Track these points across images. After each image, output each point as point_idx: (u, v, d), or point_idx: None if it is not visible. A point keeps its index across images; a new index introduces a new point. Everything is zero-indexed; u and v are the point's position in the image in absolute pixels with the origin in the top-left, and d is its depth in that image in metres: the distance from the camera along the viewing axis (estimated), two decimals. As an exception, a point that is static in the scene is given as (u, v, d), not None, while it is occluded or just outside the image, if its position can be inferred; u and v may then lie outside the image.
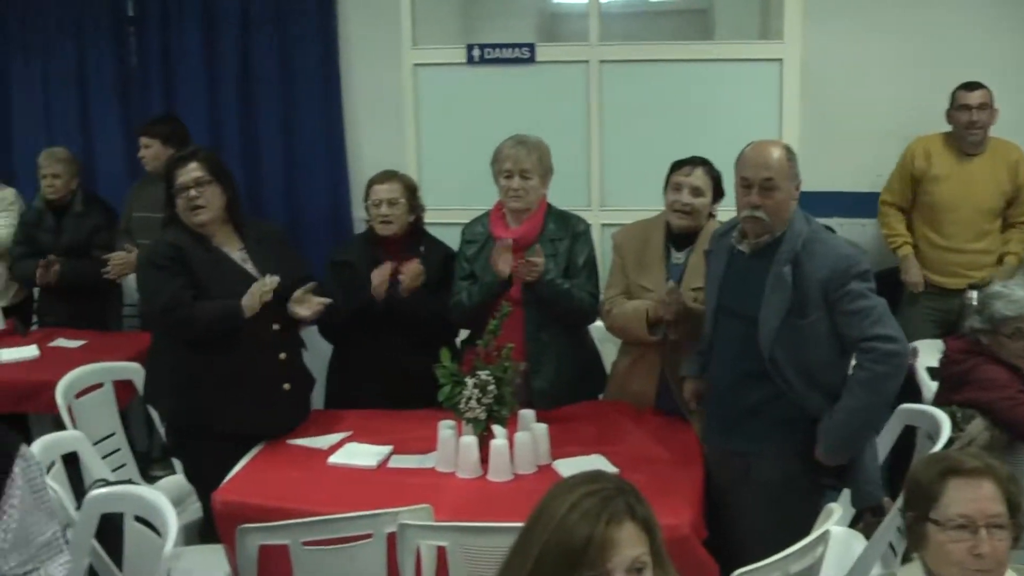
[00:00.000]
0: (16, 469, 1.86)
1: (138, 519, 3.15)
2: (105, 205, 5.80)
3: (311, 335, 4.34)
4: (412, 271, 4.28)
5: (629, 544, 1.75)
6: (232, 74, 6.16)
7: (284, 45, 6.08)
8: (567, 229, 4.22)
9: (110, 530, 3.19)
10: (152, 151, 5.49)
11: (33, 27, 6.47)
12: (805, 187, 3.49)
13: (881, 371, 3.24)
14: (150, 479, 4.64)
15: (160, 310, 3.83)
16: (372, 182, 4.47)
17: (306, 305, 3.87)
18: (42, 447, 3.45)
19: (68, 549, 1.94)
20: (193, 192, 3.83)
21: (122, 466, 4.33)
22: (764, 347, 3.33)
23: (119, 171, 6.31)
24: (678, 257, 4.07)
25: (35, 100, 6.54)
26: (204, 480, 3.86)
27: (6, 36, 6.55)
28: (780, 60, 5.28)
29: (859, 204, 5.63)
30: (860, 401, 3.29)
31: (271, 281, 3.75)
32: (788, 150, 3.42)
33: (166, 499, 3.05)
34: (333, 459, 3.71)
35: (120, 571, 3.17)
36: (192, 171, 3.85)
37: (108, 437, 4.37)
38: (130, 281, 5.71)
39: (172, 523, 2.92)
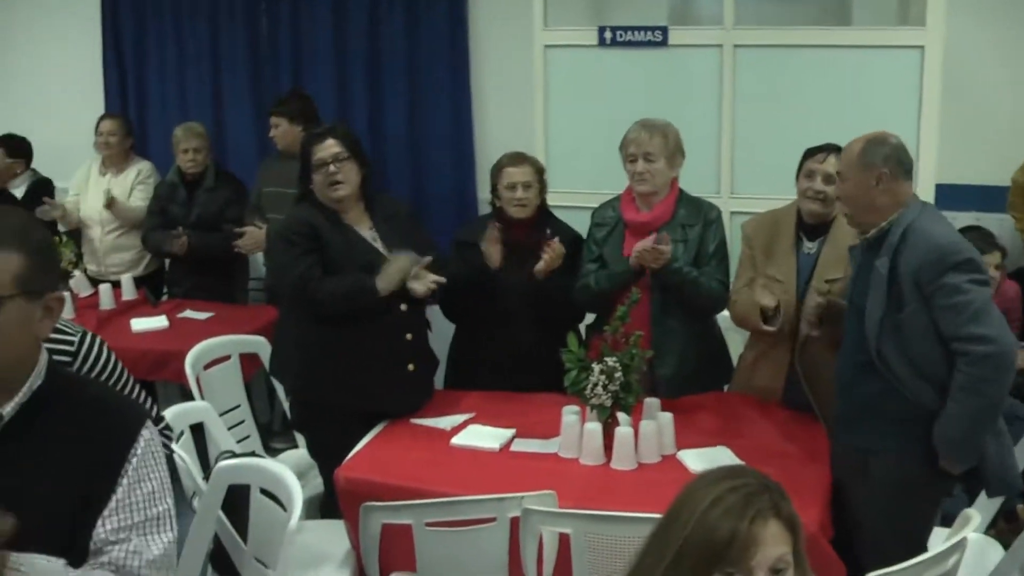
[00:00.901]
0: (139, 441, 1.86)
1: (263, 492, 3.17)
2: (236, 180, 5.91)
3: (436, 316, 4.33)
4: (556, 251, 4.22)
5: (773, 543, 1.68)
6: (361, 53, 6.21)
7: (414, 24, 6.10)
8: (699, 215, 4.13)
9: (235, 501, 3.23)
10: (281, 130, 5.55)
11: (169, 6, 6.62)
12: (943, 179, 3.35)
13: (977, 374, 3.05)
14: (271, 452, 4.70)
15: (290, 285, 3.86)
16: (503, 164, 4.41)
17: (421, 281, 3.85)
18: (172, 417, 3.50)
19: (175, 528, 1.92)
20: (332, 168, 3.84)
21: (246, 438, 4.39)
22: (870, 340, 3.21)
23: (249, 147, 6.44)
24: (809, 247, 3.94)
25: (169, 77, 6.71)
26: (327, 455, 3.90)
27: (143, 14, 6.73)
28: (921, 47, 5.07)
29: (1001, 198, 5.41)
30: (964, 407, 3.09)
31: (410, 260, 3.75)
32: (871, 142, 3.28)
33: (292, 473, 3.07)
34: (456, 440, 3.69)
35: (244, 543, 3.21)
36: (330, 147, 3.86)
37: (233, 409, 4.43)
38: (257, 256, 5.82)
39: (297, 497, 2.93)
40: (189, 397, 4.40)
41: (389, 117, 6.22)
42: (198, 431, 3.81)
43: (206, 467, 3.62)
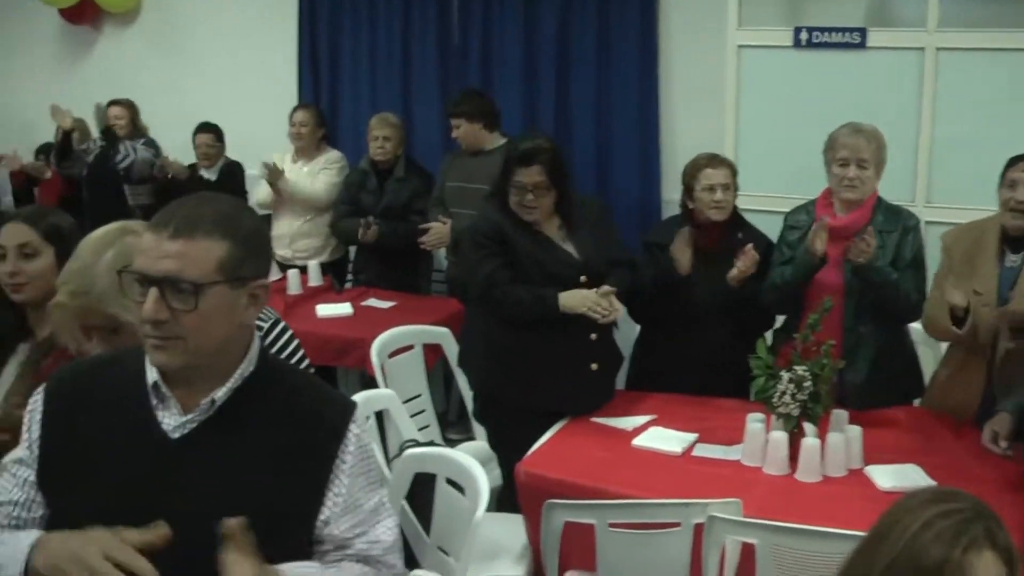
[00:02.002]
0: (350, 434, 1.88)
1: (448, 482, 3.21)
2: (425, 172, 5.99)
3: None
4: (752, 259, 4.13)
5: (987, 574, 1.60)
6: (550, 52, 6.23)
7: (603, 23, 6.08)
8: (897, 222, 3.99)
9: (417, 490, 3.27)
10: (462, 130, 5.57)
11: (364, 3, 6.79)
12: None
13: None
14: (447, 442, 4.75)
15: (477, 286, 3.90)
16: (702, 165, 4.32)
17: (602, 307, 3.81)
18: (358, 403, 3.55)
19: (393, 513, 1.95)
20: (529, 197, 3.82)
21: (426, 427, 4.45)
22: None
23: (435, 143, 6.53)
24: (1013, 260, 3.76)
25: (361, 72, 6.87)
26: (506, 449, 3.93)
27: (339, 11, 6.91)
28: None
29: None
30: None
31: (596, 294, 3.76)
32: None
33: (479, 465, 3.09)
34: (637, 441, 3.66)
35: (427, 533, 3.25)
36: (533, 175, 3.79)
37: (414, 398, 4.50)
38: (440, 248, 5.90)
39: (484, 489, 2.95)
40: (368, 384, 4.49)
41: (576, 117, 6.23)
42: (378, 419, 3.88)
43: (386, 455, 3.68)
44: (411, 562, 3.20)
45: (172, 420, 1.83)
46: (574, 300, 3.79)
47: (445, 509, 3.18)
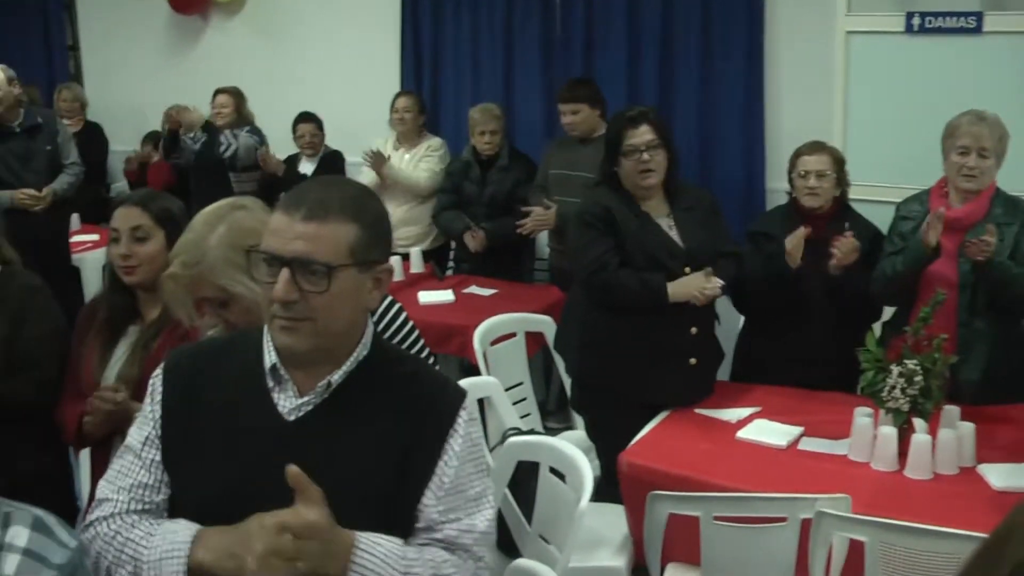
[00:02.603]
0: (459, 421, 1.88)
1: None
2: (528, 160, 5.98)
3: (725, 308, 4.26)
4: (847, 246, 4.06)
5: None
6: (653, 37, 6.15)
7: (708, 10, 5.98)
8: (1016, 214, 3.86)
9: (518, 478, 3.26)
10: (581, 116, 5.50)
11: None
12: None
13: None
14: (547, 431, 4.75)
15: (584, 267, 3.87)
16: (800, 153, 4.29)
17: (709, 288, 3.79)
18: (463, 390, 3.57)
19: (494, 506, 1.94)
20: (645, 155, 3.80)
21: (526, 415, 4.45)
22: None
23: (536, 130, 6.51)
24: None
25: (464, 58, 6.87)
26: (605, 438, 3.92)
27: (442, -2, 6.92)
28: None
29: None
30: None
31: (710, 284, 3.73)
32: None
33: (583, 454, 3.07)
34: (742, 434, 3.61)
35: (528, 522, 3.24)
36: (644, 133, 3.81)
37: (515, 386, 4.50)
38: (542, 236, 5.89)
39: (588, 479, 2.93)
40: (468, 372, 4.50)
41: (679, 103, 6.14)
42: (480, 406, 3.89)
43: (487, 442, 3.68)
44: (512, 550, 3.21)
45: (288, 402, 1.85)
46: (683, 289, 3.75)
47: (548, 498, 3.16)
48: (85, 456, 3.25)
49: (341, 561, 1.72)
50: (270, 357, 1.87)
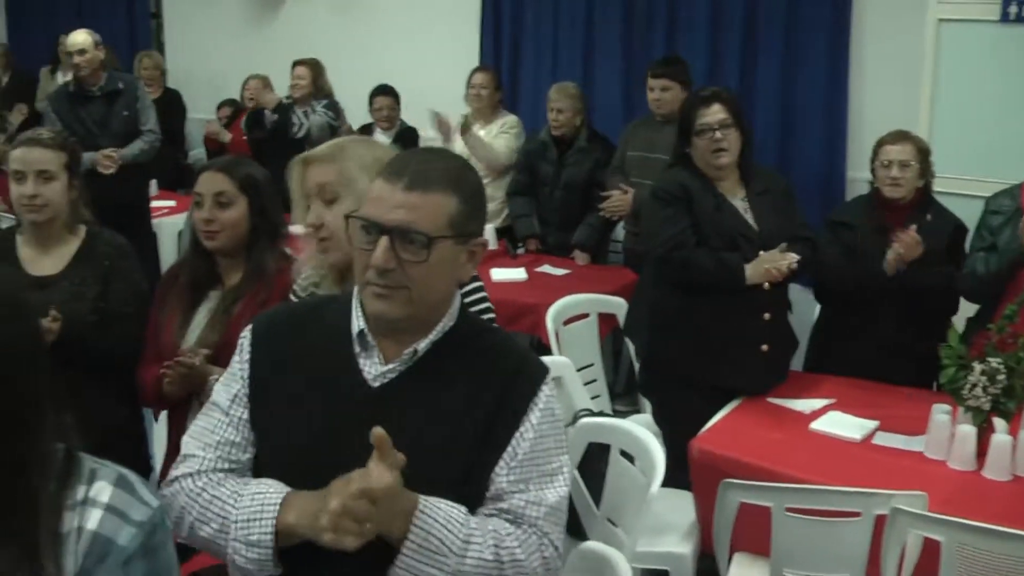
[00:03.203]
0: (540, 395, 1.88)
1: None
2: (607, 143, 5.92)
3: (798, 296, 4.20)
4: (907, 242, 3.98)
5: None
6: (737, 18, 6.08)
7: (794, -8, 5.89)
8: None
9: (587, 460, 3.25)
10: (672, 93, 5.42)
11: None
12: None
13: None
14: (614, 413, 4.73)
15: (660, 246, 3.84)
16: (883, 142, 4.22)
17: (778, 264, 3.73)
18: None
19: (568, 484, 1.93)
20: (718, 134, 3.77)
21: (596, 397, 4.43)
22: None
23: (615, 109, 6.46)
24: None
25: (544, 34, 6.83)
26: (673, 423, 3.89)
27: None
28: None
29: None
30: None
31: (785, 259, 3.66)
32: None
33: (655, 438, 3.05)
34: (815, 425, 3.56)
35: (596, 506, 3.23)
36: (716, 112, 3.79)
37: (586, 367, 4.47)
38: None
39: (660, 463, 2.90)
40: (538, 351, 4.45)
41: (760, 86, 6.05)
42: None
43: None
44: (579, 532, 3.19)
45: (373, 368, 1.86)
46: (759, 268, 3.71)
47: (617, 481, 3.14)
48: (162, 418, 3.29)
49: (404, 522, 1.73)
50: (358, 322, 1.88)
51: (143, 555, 1.46)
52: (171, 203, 7.11)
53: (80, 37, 6.16)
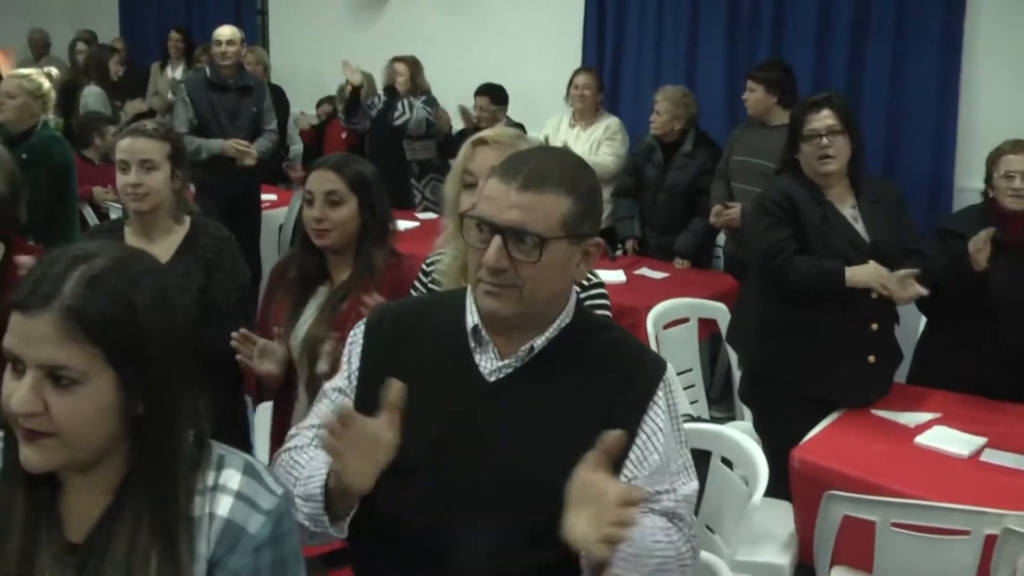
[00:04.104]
0: (660, 392, 1.87)
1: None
2: (714, 148, 5.85)
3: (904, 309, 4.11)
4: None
5: None
6: (845, 22, 5.97)
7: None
8: None
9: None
10: (755, 95, 5.42)
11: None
12: None
13: None
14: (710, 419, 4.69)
15: (761, 254, 3.79)
16: (1003, 151, 4.08)
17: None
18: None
19: (695, 479, 1.92)
20: (824, 140, 3.71)
21: (694, 402, 4.39)
22: None
23: (719, 113, 6.39)
24: None
25: (647, 36, 6.80)
26: (774, 432, 3.82)
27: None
28: None
29: None
30: None
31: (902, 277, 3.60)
32: None
33: (758, 447, 3.01)
34: (920, 439, 3.47)
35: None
36: (825, 118, 3.72)
37: (685, 372, 4.44)
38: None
39: (763, 472, 2.88)
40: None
41: (867, 91, 5.93)
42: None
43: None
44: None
45: (489, 364, 1.87)
46: (864, 274, 3.63)
47: (717, 488, 3.11)
48: (263, 411, 3.34)
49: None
50: (472, 318, 1.89)
51: (271, 543, 1.50)
52: (272, 197, 7.23)
53: (228, 30, 6.48)
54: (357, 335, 1.99)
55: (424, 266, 2.72)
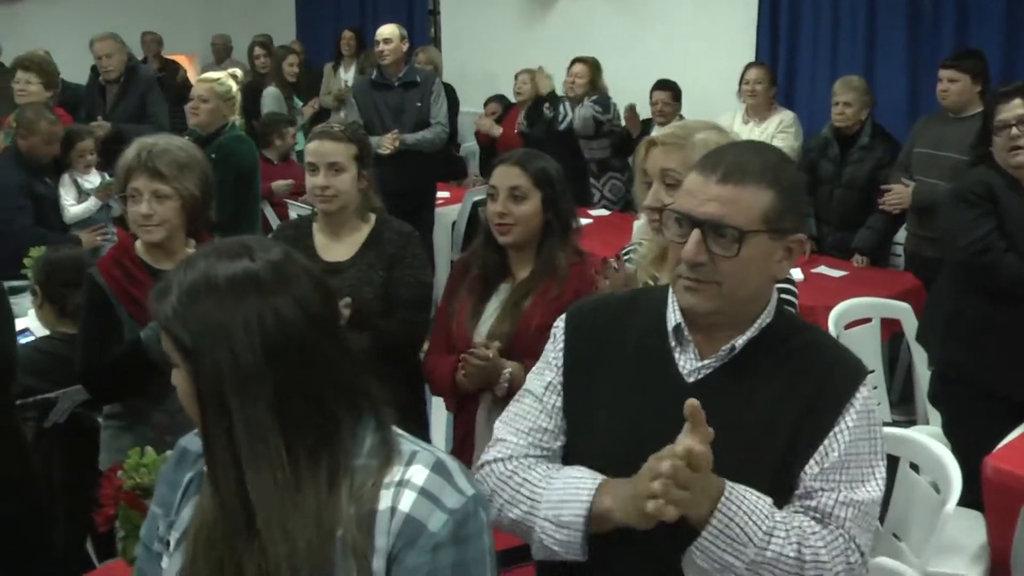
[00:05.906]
0: (857, 396, 1.81)
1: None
2: (892, 142, 5.65)
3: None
4: None
5: None
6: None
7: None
8: None
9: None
10: (958, 85, 5.15)
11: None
12: None
13: None
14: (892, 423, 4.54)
15: (964, 248, 3.64)
16: None
17: None
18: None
19: (882, 489, 1.84)
20: (1015, 131, 3.55)
21: (878, 404, 4.24)
22: None
23: (899, 105, 6.22)
24: None
25: (822, 29, 6.66)
26: (966, 437, 3.67)
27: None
28: None
29: None
30: None
31: None
32: None
33: (951, 454, 2.90)
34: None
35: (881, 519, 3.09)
36: (1016, 108, 3.56)
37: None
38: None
39: (956, 481, 2.77)
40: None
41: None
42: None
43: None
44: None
45: (689, 363, 1.85)
46: None
47: (905, 495, 3.01)
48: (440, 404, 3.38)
49: (711, 504, 1.70)
50: (674, 316, 1.87)
51: (453, 543, 1.49)
52: (445, 194, 7.31)
53: (387, 28, 6.57)
54: (559, 330, 1.99)
55: (620, 253, 2.70)
